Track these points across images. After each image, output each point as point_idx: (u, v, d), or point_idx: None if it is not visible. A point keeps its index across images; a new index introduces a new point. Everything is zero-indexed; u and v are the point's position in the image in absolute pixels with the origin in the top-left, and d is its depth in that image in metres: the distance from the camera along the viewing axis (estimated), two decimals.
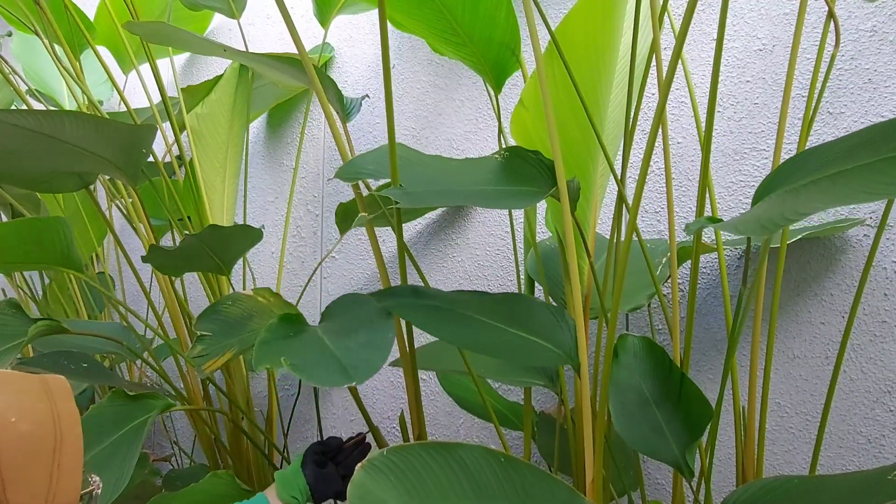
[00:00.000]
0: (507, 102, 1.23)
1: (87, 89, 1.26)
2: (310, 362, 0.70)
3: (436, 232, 1.36)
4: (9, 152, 0.90)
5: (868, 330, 0.92)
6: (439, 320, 0.72)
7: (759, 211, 0.54)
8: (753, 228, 0.50)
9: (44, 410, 0.50)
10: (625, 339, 0.79)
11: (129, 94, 1.78)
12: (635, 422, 0.72)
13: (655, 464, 1.10)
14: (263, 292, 0.94)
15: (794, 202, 0.51)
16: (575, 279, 0.72)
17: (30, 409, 0.50)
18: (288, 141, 1.61)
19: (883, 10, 0.90)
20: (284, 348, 0.73)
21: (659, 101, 0.65)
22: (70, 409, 0.52)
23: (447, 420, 1.34)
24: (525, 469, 0.51)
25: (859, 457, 0.93)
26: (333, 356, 0.71)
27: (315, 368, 0.69)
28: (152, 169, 1.28)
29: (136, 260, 1.25)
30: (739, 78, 1.01)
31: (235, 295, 0.88)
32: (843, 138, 0.55)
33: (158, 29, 1.03)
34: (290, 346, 0.75)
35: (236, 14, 1.42)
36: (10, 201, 1.35)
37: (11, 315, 0.91)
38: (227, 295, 0.87)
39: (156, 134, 0.97)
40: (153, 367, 1.19)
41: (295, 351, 0.73)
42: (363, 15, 1.44)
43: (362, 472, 0.46)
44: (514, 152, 0.77)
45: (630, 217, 0.66)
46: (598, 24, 0.74)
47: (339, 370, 0.68)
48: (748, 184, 1.00)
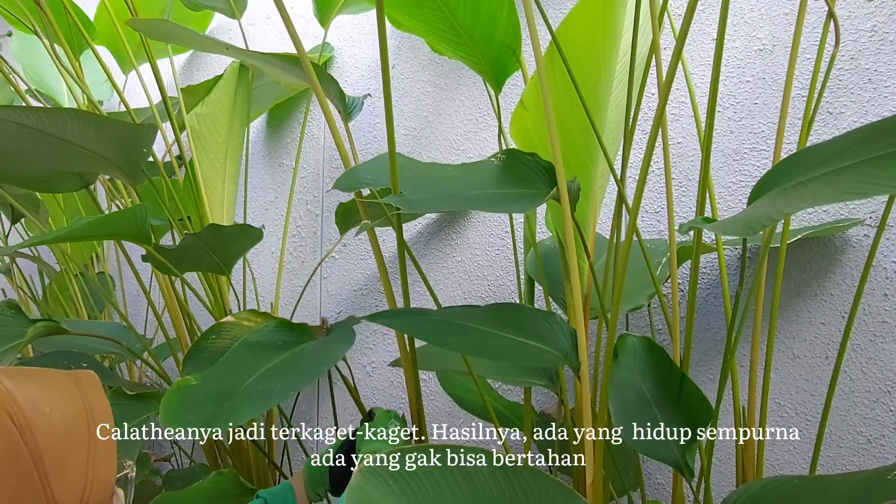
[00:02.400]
0: (508, 102, 1.23)
1: (87, 89, 1.26)
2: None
3: (436, 232, 1.36)
4: (9, 152, 0.90)
5: (868, 330, 0.91)
6: (438, 331, 0.72)
7: (750, 211, 0.54)
8: (740, 228, 0.50)
9: (76, 401, 0.53)
10: (625, 339, 0.79)
11: (128, 94, 1.78)
12: (635, 422, 0.72)
13: (655, 464, 1.10)
14: (248, 315, 0.92)
15: (783, 202, 0.51)
16: (575, 279, 0.72)
17: (63, 401, 0.52)
18: (288, 141, 1.61)
19: (883, 10, 0.90)
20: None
21: (659, 101, 0.65)
22: (101, 399, 0.55)
23: (447, 420, 1.34)
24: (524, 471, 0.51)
25: (859, 457, 0.93)
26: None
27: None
28: (152, 169, 1.28)
29: (136, 260, 1.25)
30: (739, 78, 1.01)
31: (220, 325, 0.86)
32: (838, 138, 0.55)
33: (160, 26, 1.03)
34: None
35: (237, 14, 1.42)
36: (10, 201, 1.35)
37: (11, 316, 0.92)
38: (212, 326, 0.85)
39: (156, 133, 0.97)
40: (153, 368, 1.19)
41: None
42: (363, 15, 1.44)
43: (360, 475, 0.46)
44: (512, 154, 0.77)
45: (630, 217, 0.66)
46: (598, 25, 0.74)
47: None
48: (748, 184, 1.00)
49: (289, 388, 0.71)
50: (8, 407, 0.48)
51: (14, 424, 0.48)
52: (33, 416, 0.49)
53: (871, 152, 0.49)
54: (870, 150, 0.49)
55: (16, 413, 0.48)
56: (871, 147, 0.49)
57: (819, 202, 0.48)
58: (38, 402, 0.50)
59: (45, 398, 0.51)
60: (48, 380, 0.53)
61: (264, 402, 0.70)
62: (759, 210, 0.53)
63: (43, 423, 0.49)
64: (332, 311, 1.53)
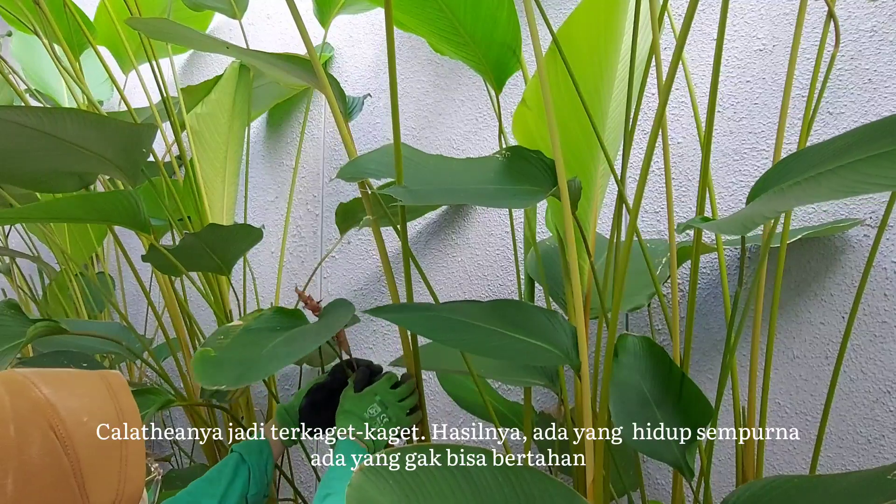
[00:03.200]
0: (508, 102, 1.23)
1: (87, 89, 1.26)
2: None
3: (436, 232, 1.36)
4: (9, 152, 0.90)
5: (868, 330, 0.91)
6: (439, 328, 0.73)
7: (746, 210, 0.54)
8: (735, 227, 0.51)
9: (109, 408, 0.54)
10: (625, 339, 0.79)
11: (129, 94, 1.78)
12: (635, 421, 0.72)
13: (655, 464, 1.10)
14: (254, 316, 0.94)
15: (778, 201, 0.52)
16: (575, 279, 0.72)
17: (97, 409, 0.53)
18: (288, 140, 1.61)
19: (883, 10, 0.90)
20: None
21: (659, 101, 0.65)
22: (130, 403, 0.56)
23: (447, 420, 1.34)
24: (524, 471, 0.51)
25: (859, 457, 0.93)
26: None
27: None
28: (152, 169, 1.28)
29: (136, 260, 1.25)
30: (739, 78, 1.01)
31: (225, 328, 0.88)
32: (837, 138, 0.55)
33: (160, 26, 1.03)
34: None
35: (238, 14, 1.42)
36: (10, 201, 1.35)
37: (11, 315, 0.91)
38: (218, 329, 0.86)
39: (156, 133, 0.97)
40: (153, 367, 1.20)
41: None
42: (363, 15, 1.44)
43: (360, 474, 0.46)
44: (516, 152, 0.77)
45: (630, 217, 0.66)
46: (600, 25, 0.74)
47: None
48: (748, 184, 1.00)
49: (306, 349, 0.75)
50: (52, 421, 0.49)
51: (57, 439, 0.49)
52: (74, 429, 0.50)
53: (869, 151, 0.49)
54: (867, 149, 0.49)
55: (59, 427, 0.49)
56: (868, 146, 0.50)
57: (815, 200, 0.49)
58: (77, 413, 0.51)
59: (83, 408, 0.52)
60: (82, 385, 0.54)
61: (287, 359, 0.75)
62: (755, 209, 0.53)
63: (83, 435, 0.50)
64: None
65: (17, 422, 0.48)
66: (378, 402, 0.84)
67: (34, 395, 0.50)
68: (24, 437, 0.47)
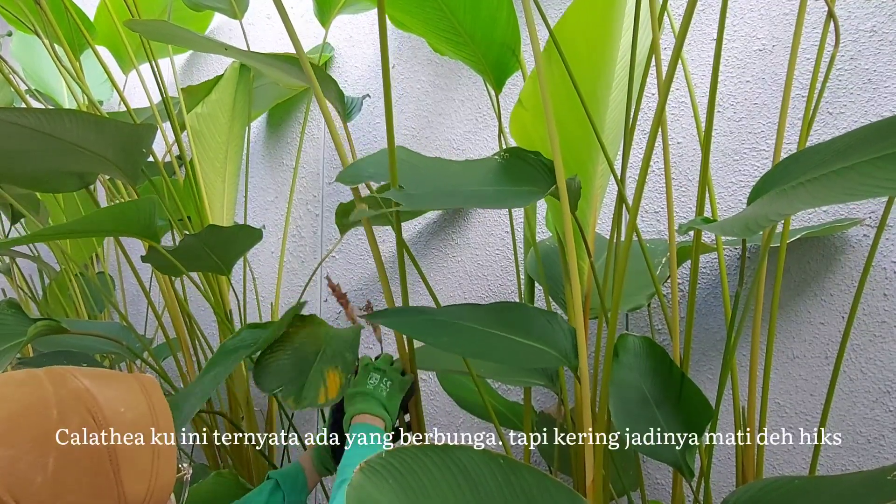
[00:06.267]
0: (508, 102, 1.23)
1: (87, 89, 1.26)
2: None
3: (436, 232, 1.36)
4: (9, 152, 0.90)
5: (868, 330, 0.91)
6: (436, 332, 0.73)
7: (749, 212, 0.54)
8: (738, 229, 0.51)
9: (143, 404, 0.56)
10: (625, 339, 0.79)
11: (129, 94, 1.78)
12: (635, 421, 0.72)
13: (655, 464, 1.10)
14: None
15: (781, 203, 0.51)
16: (575, 279, 0.72)
17: (133, 402, 0.55)
18: (288, 141, 1.61)
19: (883, 10, 0.90)
20: None
21: (659, 101, 0.65)
22: (162, 403, 0.57)
23: (447, 420, 1.34)
24: (524, 471, 0.50)
25: (859, 457, 0.93)
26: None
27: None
28: (152, 169, 1.28)
29: (136, 260, 1.25)
30: (739, 78, 1.01)
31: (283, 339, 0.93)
32: (837, 138, 0.55)
33: (159, 27, 1.03)
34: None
35: (238, 14, 1.41)
36: (10, 201, 1.35)
37: (11, 315, 0.91)
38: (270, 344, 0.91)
39: (156, 133, 0.97)
40: (153, 367, 1.19)
41: None
42: (363, 15, 1.44)
43: (360, 474, 0.46)
44: (514, 153, 0.77)
45: (630, 217, 0.66)
46: (597, 24, 0.74)
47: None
48: (748, 184, 1.00)
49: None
50: (90, 407, 0.51)
51: (96, 424, 0.51)
52: (112, 416, 0.52)
53: (871, 153, 0.49)
54: (869, 150, 0.49)
55: (97, 414, 0.51)
56: (870, 148, 0.49)
57: (818, 203, 0.49)
58: (114, 403, 0.53)
59: (119, 399, 0.54)
60: (118, 381, 0.56)
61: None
62: (758, 210, 0.53)
63: (120, 423, 0.52)
64: (333, 311, 1.53)
65: (59, 406, 0.50)
66: (374, 370, 0.87)
67: (75, 384, 0.52)
68: (65, 421, 0.49)
